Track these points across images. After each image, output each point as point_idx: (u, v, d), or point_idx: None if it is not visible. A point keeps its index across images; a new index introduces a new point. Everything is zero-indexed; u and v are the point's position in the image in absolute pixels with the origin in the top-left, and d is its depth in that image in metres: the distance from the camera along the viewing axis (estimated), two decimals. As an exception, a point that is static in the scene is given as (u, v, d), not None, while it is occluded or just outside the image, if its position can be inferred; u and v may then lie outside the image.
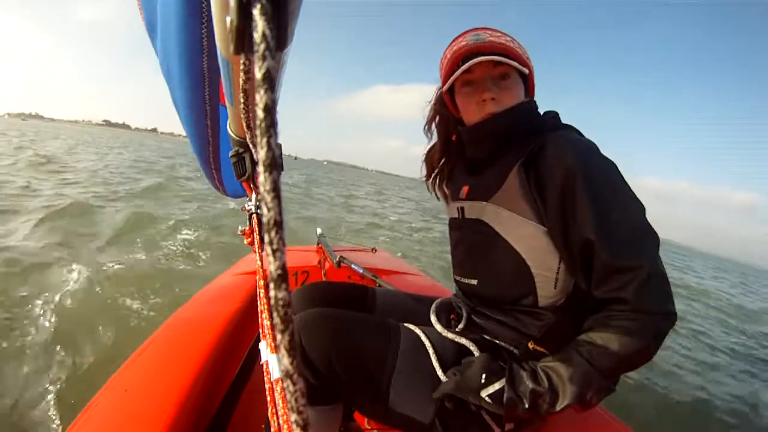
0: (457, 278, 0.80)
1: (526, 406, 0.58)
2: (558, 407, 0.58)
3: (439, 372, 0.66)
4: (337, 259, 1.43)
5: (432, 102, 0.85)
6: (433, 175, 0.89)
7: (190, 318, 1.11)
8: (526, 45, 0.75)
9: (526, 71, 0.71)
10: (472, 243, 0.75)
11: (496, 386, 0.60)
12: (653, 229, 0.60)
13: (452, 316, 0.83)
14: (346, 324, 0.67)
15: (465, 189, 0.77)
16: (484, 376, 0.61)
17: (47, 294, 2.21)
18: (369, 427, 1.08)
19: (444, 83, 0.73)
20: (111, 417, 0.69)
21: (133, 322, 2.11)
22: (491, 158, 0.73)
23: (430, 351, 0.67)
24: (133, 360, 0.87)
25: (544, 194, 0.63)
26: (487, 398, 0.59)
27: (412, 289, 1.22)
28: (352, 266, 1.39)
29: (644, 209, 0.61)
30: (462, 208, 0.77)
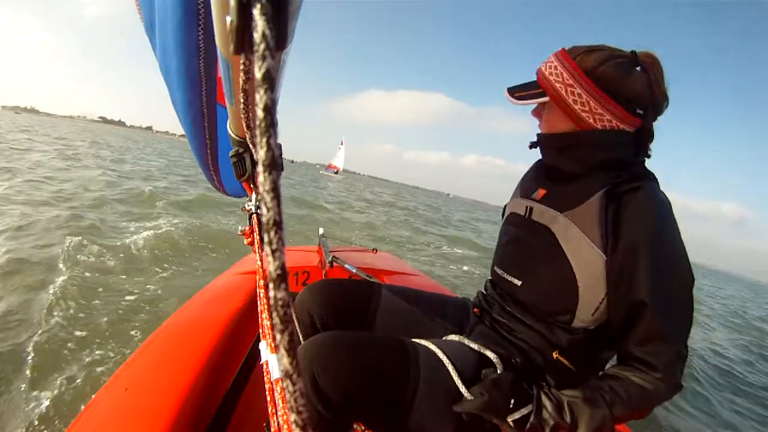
0: (499, 272, 0.80)
1: None
2: None
3: (463, 389, 0.64)
4: (330, 259, 1.41)
5: None
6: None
7: (190, 318, 1.11)
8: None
9: (569, 103, 0.69)
10: (530, 246, 0.75)
11: (523, 412, 0.61)
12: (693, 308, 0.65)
13: (476, 310, 0.84)
14: (361, 348, 0.64)
15: (541, 192, 0.77)
16: (512, 401, 0.61)
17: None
18: None
19: None
20: (111, 416, 0.69)
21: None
22: (573, 173, 0.73)
23: (450, 368, 0.65)
24: (134, 359, 0.87)
25: (617, 233, 0.64)
26: (511, 423, 0.60)
27: None
28: (345, 266, 1.37)
29: (694, 281, 0.65)
30: (531, 208, 0.77)
